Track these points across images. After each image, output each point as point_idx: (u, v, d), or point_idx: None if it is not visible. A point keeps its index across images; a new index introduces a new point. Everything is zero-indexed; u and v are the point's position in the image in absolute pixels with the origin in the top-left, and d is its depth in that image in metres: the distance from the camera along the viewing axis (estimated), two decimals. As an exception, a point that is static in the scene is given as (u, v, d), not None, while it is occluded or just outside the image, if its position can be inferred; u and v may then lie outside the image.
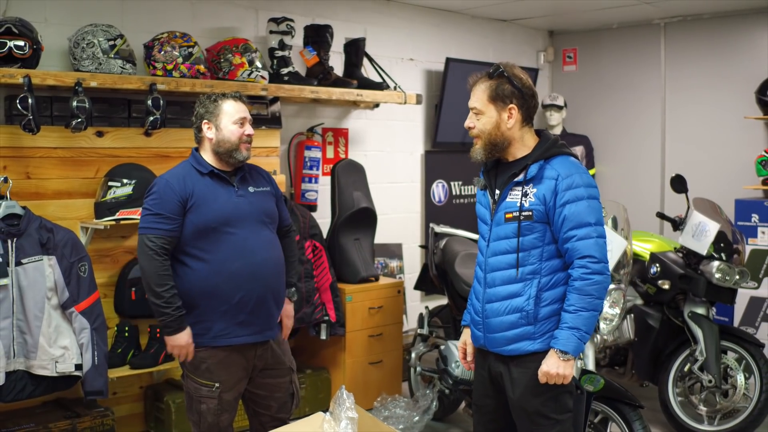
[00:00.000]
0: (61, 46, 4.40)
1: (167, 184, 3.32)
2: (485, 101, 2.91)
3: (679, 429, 4.76)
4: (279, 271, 3.45)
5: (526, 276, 2.90)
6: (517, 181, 2.90)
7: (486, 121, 2.91)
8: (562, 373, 2.81)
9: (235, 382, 3.37)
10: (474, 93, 2.97)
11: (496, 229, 2.95)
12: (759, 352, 4.70)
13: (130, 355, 4.47)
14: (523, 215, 2.86)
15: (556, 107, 7.13)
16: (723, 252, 4.78)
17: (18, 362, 3.85)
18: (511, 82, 2.90)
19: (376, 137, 6.14)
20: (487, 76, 2.95)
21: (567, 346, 2.80)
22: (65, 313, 3.97)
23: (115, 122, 4.59)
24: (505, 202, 2.92)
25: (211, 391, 3.32)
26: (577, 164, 2.93)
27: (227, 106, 3.39)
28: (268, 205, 3.48)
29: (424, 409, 4.67)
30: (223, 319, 3.31)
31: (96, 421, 4.24)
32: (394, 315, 5.31)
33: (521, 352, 2.90)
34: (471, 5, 6.43)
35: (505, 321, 2.91)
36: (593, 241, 2.80)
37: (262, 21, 5.26)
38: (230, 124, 3.37)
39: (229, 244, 3.30)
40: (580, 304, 2.80)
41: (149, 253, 3.25)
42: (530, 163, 2.89)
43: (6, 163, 4.19)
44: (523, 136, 2.95)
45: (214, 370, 3.32)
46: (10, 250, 3.82)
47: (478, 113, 2.94)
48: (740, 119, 6.25)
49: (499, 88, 2.89)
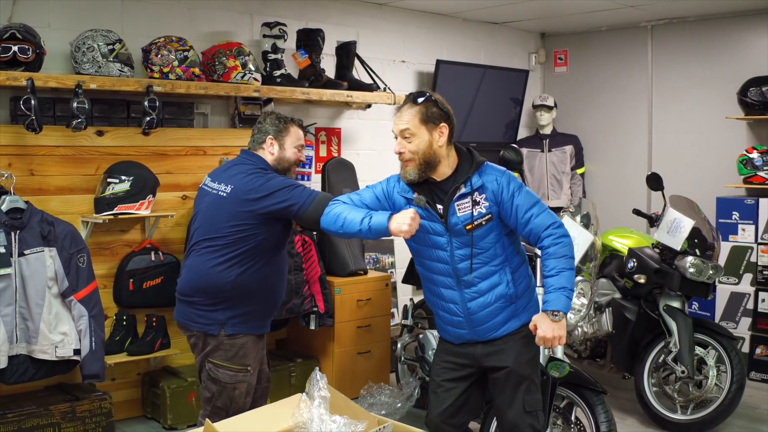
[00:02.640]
0: (63, 50, 4.61)
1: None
2: (417, 124, 3.11)
3: (654, 418, 4.92)
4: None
5: (498, 266, 3.18)
6: (462, 193, 3.13)
7: (419, 142, 3.10)
8: (557, 334, 3.03)
9: (256, 366, 3.69)
10: (402, 118, 3.13)
11: (457, 239, 3.16)
12: (731, 345, 4.86)
13: (127, 342, 4.70)
14: (484, 220, 3.12)
15: (547, 107, 7.29)
16: (698, 248, 4.92)
17: (20, 347, 4.09)
18: (437, 105, 3.13)
19: (368, 136, 6.33)
20: (412, 101, 3.14)
21: (558, 305, 3.03)
22: (65, 301, 4.21)
23: (114, 122, 4.81)
24: (458, 216, 3.13)
25: (246, 374, 3.60)
26: (496, 165, 3.25)
27: (295, 131, 3.77)
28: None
29: (407, 396, 4.86)
30: (267, 314, 3.69)
31: (94, 404, 4.45)
32: (382, 307, 5.49)
33: (513, 329, 3.23)
34: (462, 8, 6.58)
35: (492, 311, 3.19)
36: (546, 213, 3.13)
37: (256, 25, 5.45)
38: (292, 147, 3.73)
39: (283, 254, 3.73)
40: (559, 265, 3.06)
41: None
42: (469, 175, 3.13)
43: (11, 161, 4.41)
44: (449, 153, 3.18)
45: (249, 354, 3.60)
46: (13, 241, 4.06)
47: (409, 136, 3.11)
48: (722, 119, 6.38)
49: (429, 111, 3.11)
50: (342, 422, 2.48)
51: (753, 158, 6.05)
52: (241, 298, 3.54)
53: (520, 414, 3.22)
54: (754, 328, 5.95)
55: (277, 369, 5.12)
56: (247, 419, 2.70)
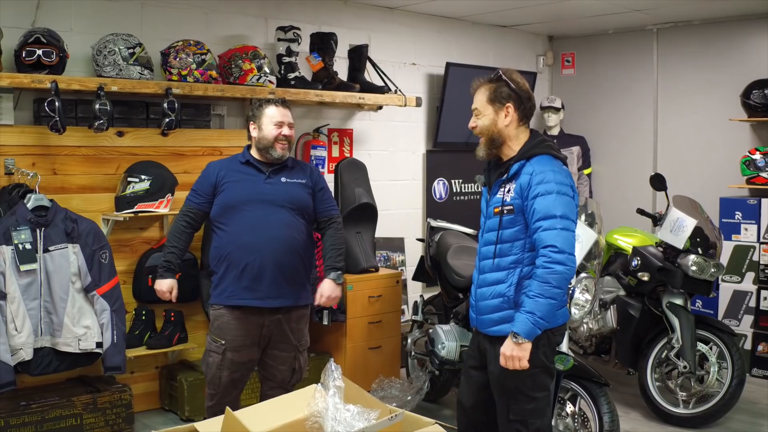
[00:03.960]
0: (84, 54, 4.75)
1: (207, 169, 4.06)
2: (484, 102, 3.23)
3: (657, 412, 5.04)
4: (289, 249, 3.90)
5: (509, 265, 3.17)
6: (502, 179, 3.21)
7: (484, 120, 3.23)
8: (516, 355, 3.01)
9: (239, 345, 3.88)
10: (476, 96, 3.29)
11: (487, 222, 3.27)
12: (732, 341, 4.98)
13: (146, 336, 4.85)
14: (506, 209, 3.15)
15: (554, 109, 7.42)
16: (700, 247, 5.03)
17: (44, 340, 4.24)
18: (508, 85, 3.20)
19: (379, 137, 6.47)
20: (488, 80, 3.26)
21: (520, 328, 2.99)
22: (87, 295, 4.37)
23: (134, 123, 4.95)
24: (494, 198, 3.24)
25: (218, 346, 3.89)
26: (554, 162, 3.17)
27: (269, 110, 3.95)
28: (296, 194, 3.98)
29: (417, 389, 4.99)
30: (234, 283, 3.87)
31: (114, 396, 4.60)
32: (393, 303, 5.61)
33: (503, 334, 3.12)
34: (472, 12, 6.70)
35: (490, 305, 3.21)
36: (556, 232, 2.98)
37: (271, 29, 5.59)
38: (269, 125, 3.91)
39: (244, 221, 3.86)
40: (538, 290, 2.98)
41: (177, 216, 4.05)
42: (512, 162, 3.19)
43: (35, 160, 4.56)
44: (518, 135, 3.23)
45: (223, 328, 3.89)
46: (38, 238, 4.21)
47: (478, 114, 3.25)
48: (726, 121, 6.49)
49: (498, 91, 3.20)
50: (356, 411, 2.59)
51: (756, 159, 6.15)
52: (214, 268, 3.94)
53: (505, 421, 3.23)
54: (756, 326, 6.06)
55: (291, 363, 5.26)
56: (265, 408, 2.81)
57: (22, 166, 4.50)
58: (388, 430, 2.65)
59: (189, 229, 4.00)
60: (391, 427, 2.66)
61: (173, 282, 4.00)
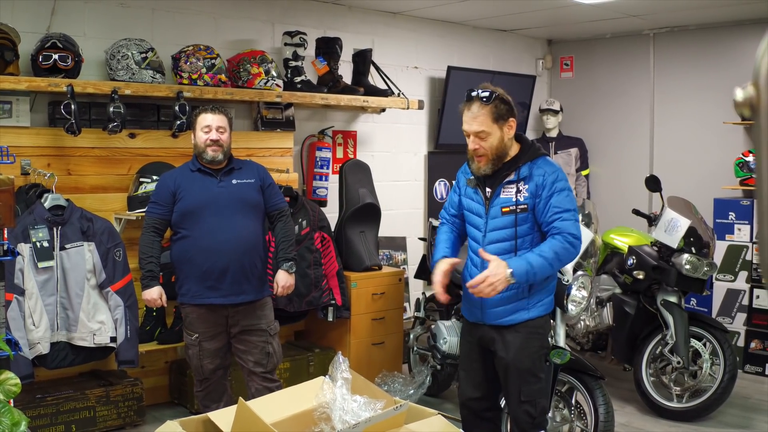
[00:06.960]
0: (98, 58, 4.88)
1: (163, 180, 4.25)
2: (490, 123, 3.31)
3: (651, 406, 5.18)
4: (246, 248, 4.16)
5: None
6: (510, 180, 3.37)
7: (492, 140, 3.33)
8: (494, 280, 3.16)
9: (212, 335, 4.20)
10: (475, 119, 3.31)
11: (492, 222, 3.41)
12: (724, 338, 5.11)
13: (157, 332, 4.99)
14: (520, 208, 3.34)
15: (553, 111, 7.57)
16: (693, 246, 5.17)
17: (60, 334, 4.38)
18: (503, 101, 3.33)
19: (382, 139, 6.61)
20: (483, 102, 3.31)
21: (517, 269, 3.19)
22: (102, 292, 4.51)
23: (145, 125, 5.09)
24: (500, 198, 3.39)
25: (193, 339, 4.19)
26: (554, 163, 3.44)
27: (200, 118, 4.20)
28: (248, 194, 4.22)
29: (419, 383, 5.15)
30: (197, 284, 4.12)
31: (127, 389, 4.76)
32: (396, 301, 5.76)
33: (518, 321, 3.38)
34: (473, 16, 6.82)
35: (504, 296, 3.36)
36: (571, 222, 3.29)
37: (278, 34, 5.73)
38: (199, 132, 4.16)
39: (203, 225, 4.10)
40: (545, 252, 3.23)
41: (143, 229, 4.21)
42: (521, 165, 3.36)
43: (50, 161, 4.70)
44: (513, 143, 3.42)
45: (194, 323, 4.19)
46: (55, 236, 4.36)
47: (484, 137, 3.32)
48: (720, 124, 6.61)
49: (498, 108, 3.31)
50: (362, 401, 2.72)
51: (749, 161, 6.29)
52: (177, 271, 4.20)
53: (516, 402, 3.44)
54: (748, 323, 6.19)
55: (296, 358, 5.43)
56: (275, 399, 2.95)
57: (38, 166, 4.63)
58: (393, 419, 2.76)
59: (158, 238, 4.19)
60: (395, 416, 2.77)
61: (161, 288, 4.19)
